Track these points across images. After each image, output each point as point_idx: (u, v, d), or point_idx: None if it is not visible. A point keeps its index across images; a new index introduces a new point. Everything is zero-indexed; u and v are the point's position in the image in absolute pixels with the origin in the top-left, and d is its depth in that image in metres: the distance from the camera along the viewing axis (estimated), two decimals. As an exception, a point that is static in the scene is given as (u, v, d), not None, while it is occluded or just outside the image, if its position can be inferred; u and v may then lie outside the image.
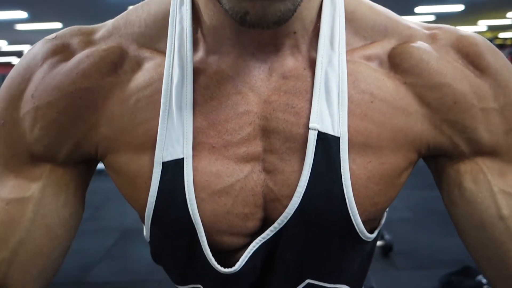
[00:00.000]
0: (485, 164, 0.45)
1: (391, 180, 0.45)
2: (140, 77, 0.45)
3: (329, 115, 0.42)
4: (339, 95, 0.43)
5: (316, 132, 0.42)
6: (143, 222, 0.47)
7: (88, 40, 0.46)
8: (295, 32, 0.43)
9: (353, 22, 0.45)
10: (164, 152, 0.43)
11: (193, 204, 0.43)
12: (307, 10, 0.43)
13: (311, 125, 0.42)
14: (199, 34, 0.45)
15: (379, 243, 2.79)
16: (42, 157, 0.46)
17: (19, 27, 8.26)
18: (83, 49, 0.45)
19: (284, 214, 0.43)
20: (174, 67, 0.43)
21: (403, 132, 0.44)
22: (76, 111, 0.44)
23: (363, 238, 0.45)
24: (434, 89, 0.43)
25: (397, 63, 0.44)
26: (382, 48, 0.45)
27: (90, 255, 2.98)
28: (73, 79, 0.44)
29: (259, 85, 0.44)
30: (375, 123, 0.43)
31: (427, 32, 0.46)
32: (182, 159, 0.43)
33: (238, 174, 0.44)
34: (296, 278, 0.48)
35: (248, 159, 0.44)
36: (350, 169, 0.42)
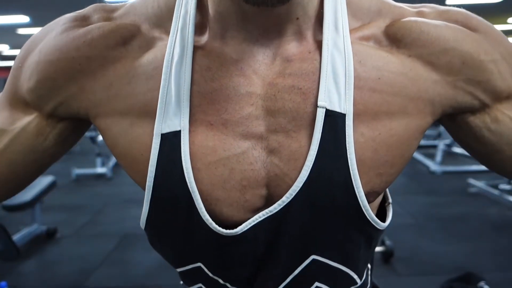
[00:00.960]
0: (505, 108, 0.49)
1: (399, 151, 0.47)
2: (145, 56, 0.47)
3: (336, 93, 0.44)
4: (346, 74, 0.45)
5: (324, 110, 0.44)
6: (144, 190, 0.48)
7: (107, 17, 0.49)
8: (297, 18, 0.45)
9: (350, 5, 0.48)
10: (162, 125, 0.45)
11: (189, 172, 0.44)
12: None
13: (319, 103, 0.44)
14: (204, 20, 0.47)
15: (379, 249, 2.77)
16: (32, 105, 0.50)
17: (21, 31, 8.29)
18: (100, 22, 0.49)
19: (293, 187, 0.44)
20: (175, 46, 0.46)
21: (413, 102, 0.46)
22: (72, 75, 0.47)
23: (367, 216, 0.46)
24: (440, 54, 0.46)
25: (398, 38, 0.47)
26: (378, 28, 0.48)
27: (89, 260, 2.96)
28: (78, 46, 0.47)
29: (263, 69, 0.46)
30: (384, 98, 0.45)
31: (414, 10, 0.50)
32: (179, 131, 0.45)
33: (235, 149, 0.45)
34: (301, 254, 0.49)
35: (248, 136, 0.45)
36: (358, 142, 0.45)
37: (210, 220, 0.45)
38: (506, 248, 2.95)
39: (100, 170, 5.55)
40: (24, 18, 7.04)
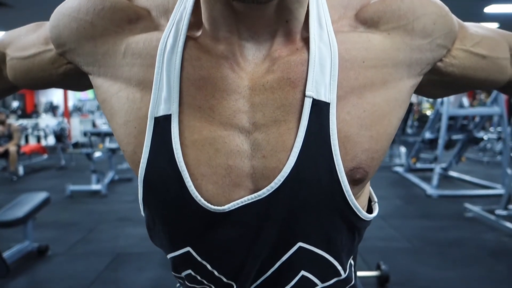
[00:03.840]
0: (456, 44, 0.56)
1: (382, 126, 0.51)
2: (143, 38, 0.52)
3: (323, 84, 0.48)
4: (331, 66, 0.49)
5: (311, 99, 0.48)
6: (137, 173, 0.51)
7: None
8: (287, 21, 0.49)
9: (328, 0, 0.53)
10: (156, 109, 0.49)
11: (178, 149, 0.48)
12: (297, 3, 0.49)
13: (307, 93, 0.48)
14: (200, 19, 0.51)
15: (375, 273, 2.74)
16: (51, 41, 0.57)
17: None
18: None
19: (282, 173, 0.47)
20: (169, 37, 0.50)
21: (393, 74, 0.51)
22: (75, 33, 0.53)
23: (349, 201, 0.49)
24: (415, 23, 0.52)
25: (376, 21, 0.52)
26: (352, 15, 0.53)
27: (80, 279, 2.91)
28: (88, 11, 0.53)
29: (252, 66, 0.49)
30: (368, 77, 0.50)
31: None
32: (170, 115, 0.49)
33: (221, 131, 0.48)
34: (288, 241, 0.50)
35: (235, 122, 0.48)
36: (344, 120, 0.49)
37: (199, 196, 0.48)
38: (502, 275, 2.92)
39: (95, 187, 5.50)
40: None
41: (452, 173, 6.30)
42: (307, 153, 0.47)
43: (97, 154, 6.13)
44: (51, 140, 10.28)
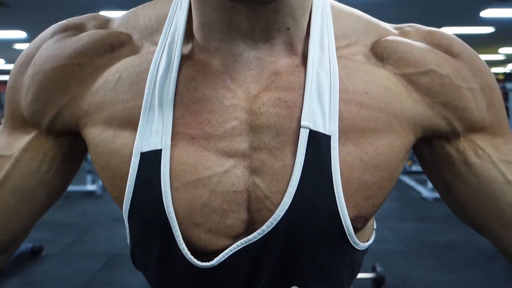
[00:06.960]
0: (478, 140, 0.48)
1: (386, 172, 0.46)
2: (131, 62, 0.47)
3: (320, 113, 0.43)
4: (331, 94, 0.44)
5: (308, 130, 0.43)
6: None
7: (102, 25, 0.50)
8: (288, 28, 0.44)
9: (338, 23, 0.48)
10: (143, 143, 0.43)
11: (167, 193, 0.42)
12: (301, 10, 0.44)
13: (303, 123, 0.43)
14: (192, 34, 0.47)
15: (370, 275, 2.74)
16: (30, 122, 0.48)
17: (18, 46, 8.31)
18: (92, 30, 0.49)
19: (274, 216, 0.42)
20: (161, 61, 0.45)
21: (398, 119, 0.46)
22: (65, 83, 0.47)
23: (352, 242, 0.45)
24: (422, 75, 0.46)
25: (384, 57, 0.47)
26: (364, 46, 0.48)
27: (75, 280, 2.89)
28: (70, 54, 0.47)
29: (248, 80, 0.45)
30: (371, 113, 0.45)
31: (397, 31, 0.50)
32: (160, 150, 0.43)
33: (217, 168, 0.43)
34: (282, 284, 0.46)
35: (231, 154, 0.43)
36: (345, 161, 0.43)
37: (186, 250, 0.43)
38: (498, 278, 2.93)
39: (90, 187, 5.49)
40: (21, 34, 7.08)
41: (448, 176, 6.32)
42: (303, 194, 0.42)
43: (93, 154, 6.12)
44: (46, 140, 10.23)
